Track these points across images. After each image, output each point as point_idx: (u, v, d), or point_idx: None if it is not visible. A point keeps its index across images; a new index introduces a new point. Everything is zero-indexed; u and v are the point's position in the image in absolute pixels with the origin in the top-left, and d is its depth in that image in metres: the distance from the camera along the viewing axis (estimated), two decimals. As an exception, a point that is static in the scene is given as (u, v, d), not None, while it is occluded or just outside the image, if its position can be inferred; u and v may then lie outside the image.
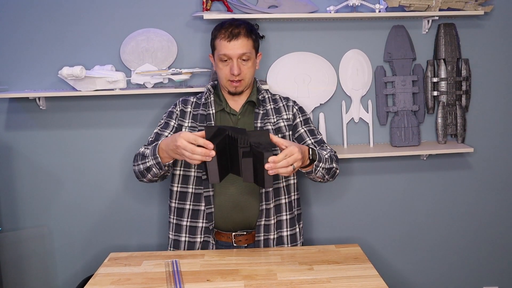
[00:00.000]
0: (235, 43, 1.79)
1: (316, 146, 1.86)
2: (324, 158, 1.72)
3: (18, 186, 2.29)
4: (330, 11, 2.19)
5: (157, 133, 1.87)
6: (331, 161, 1.76)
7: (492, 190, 2.45)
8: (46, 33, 2.20)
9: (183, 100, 1.94)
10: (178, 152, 1.55)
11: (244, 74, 1.82)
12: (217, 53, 1.83)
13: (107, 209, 2.33)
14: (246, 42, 1.81)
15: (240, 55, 1.80)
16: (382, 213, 2.43)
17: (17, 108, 2.24)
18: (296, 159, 1.51)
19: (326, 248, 1.81)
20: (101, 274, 1.64)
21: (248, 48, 1.82)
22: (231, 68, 1.80)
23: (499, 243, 2.49)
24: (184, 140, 1.51)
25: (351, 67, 2.30)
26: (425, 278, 2.49)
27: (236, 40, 1.79)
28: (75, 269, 2.35)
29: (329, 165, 1.74)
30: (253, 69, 1.87)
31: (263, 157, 1.45)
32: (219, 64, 1.84)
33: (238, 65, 1.80)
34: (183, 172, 1.87)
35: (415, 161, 2.40)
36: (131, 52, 2.20)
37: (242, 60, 1.82)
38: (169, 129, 1.87)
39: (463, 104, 2.35)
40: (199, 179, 1.84)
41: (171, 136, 1.61)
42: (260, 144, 1.50)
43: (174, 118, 1.89)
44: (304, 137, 1.89)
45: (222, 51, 1.81)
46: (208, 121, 1.85)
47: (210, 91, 1.92)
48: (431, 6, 2.19)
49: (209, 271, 1.64)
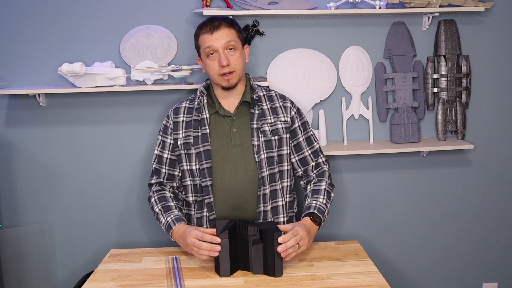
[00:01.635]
0: (218, 34, 1.77)
1: (313, 158, 1.92)
2: (324, 206, 1.81)
3: (18, 182, 2.29)
4: (330, 8, 2.18)
5: (158, 155, 1.91)
6: (329, 194, 1.86)
7: (492, 187, 2.45)
8: (46, 30, 2.20)
9: (175, 110, 1.91)
10: (188, 249, 1.66)
11: (234, 64, 1.79)
12: (202, 49, 1.81)
13: (107, 206, 2.33)
14: (228, 31, 1.79)
15: (225, 44, 1.77)
16: (382, 210, 2.43)
17: (17, 105, 2.24)
18: (302, 237, 1.61)
19: (326, 245, 1.81)
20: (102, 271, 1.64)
21: (231, 36, 1.79)
22: (219, 61, 1.77)
23: (499, 240, 2.49)
24: (192, 238, 1.62)
25: (351, 64, 2.30)
26: (424, 274, 2.50)
27: (218, 31, 1.77)
28: (75, 266, 2.36)
29: (330, 201, 1.87)
30: (242, 60, 1.82)
31: (273, 237, 1.54)
32: (207, 61, 1.80)
33: (225, 56, 1.77)
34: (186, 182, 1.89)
35: (415, 158, 2.40)
36: (131, 48, 2.19)
37: (228, 50, 1.78)
38: (166, 149, 1.89)
39: (463, 100, 2.34)
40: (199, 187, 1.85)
41: (183, 230, 1.69)
42: (268, 229, 1.58)
43: (169, 134, 1.89)
44: (302, 147, 1.92)
45: (206, 44, 1.78)
46: (202, 126, 1.83)
47: (203, 93, 1.88)
48: (431, 3, 2.18)
49: (209, 267, 1.64)
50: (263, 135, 1.84)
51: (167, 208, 1.80)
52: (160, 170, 1.90)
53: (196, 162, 1.83)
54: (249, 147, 1.83)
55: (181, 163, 1.87)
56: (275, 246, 1.54)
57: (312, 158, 1.92)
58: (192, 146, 1.83)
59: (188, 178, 1.87)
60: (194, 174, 1.84)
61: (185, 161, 1.86)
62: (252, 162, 1.82)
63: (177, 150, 1.87)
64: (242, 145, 1.82)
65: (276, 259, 1.55)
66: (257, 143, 1.82)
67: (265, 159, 1.83)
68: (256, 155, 1.81)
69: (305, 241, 1.62)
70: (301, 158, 1.91)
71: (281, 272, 1.57)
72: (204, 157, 1.81)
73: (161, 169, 1.90)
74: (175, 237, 1.74)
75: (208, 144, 1.81)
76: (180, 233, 1.70)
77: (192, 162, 1.84)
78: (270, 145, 1.84)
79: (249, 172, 1.82)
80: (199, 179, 1.83)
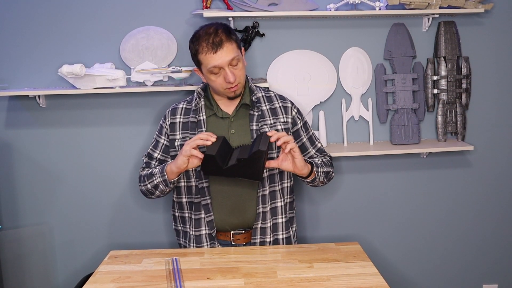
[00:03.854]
0: (221, 52, 1.71)
1: (318, 155, 1.95)
2: (318, 163, 1.86)
3: (18, 184, 2.29)
4: (330, 9, 2.19)
5: (149, 152, 1.92)
6: (325, 165, 1.89)
7: (492, 188, 2.45)
8: (46, 31, 2.20)
9: (172, 110, 1.90)
10: (183, 155, 1.66)
11: (239, 77, 1.77)
12: (205, 67, 1.75)
13: (107, 207, 2.33)
14: (231, 46, 1.73)
15: (230, 61, 1.73)
16: (382, 211, 2.43)
17: (17, 106, 2.24)
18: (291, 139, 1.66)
19: (326, 246, 1.81)
20: (101, 272, 1.64)
21: (234, 52, 1.74)
22: (225, 77, 1.74)
23: (499, 241, 2.49)
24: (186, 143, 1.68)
25: (351, 65, 2.30)
26: (425, 275, 2.49)
27: (221, 49, 1.71)
28: (75, 267, 2.35)
29: (327, 168, 1.88)
30: (244, 69, 1.81)
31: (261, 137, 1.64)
32: (211, 77, 1.77)
33: (231, 72, 1.74)
34: (186, 183, 1.88)
35: (415, 159, 2.41)
36: (131, 50, 2.20)
37: (232, 66, 1.75)
38: (158, 149, 1.90)
39: (463, 102, 2.35)
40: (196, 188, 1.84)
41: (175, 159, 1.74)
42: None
43: (163, 135, 1.89)
44: (307, 147, 1.93)
45: (211, 64, 1.73)
46: (199, 128, 1.82)
47: (200, 95, 1.87)
48: (431, 4, 2.18)
49: (209, 269, 1.64)
50: None
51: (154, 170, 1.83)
52: (150, 164, 1.91)
53: None
54: None
55: None
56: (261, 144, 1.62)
57: (318, 155, 1.94)
58: None
59: (182, 179, 1.87)
60: (190, 175, 1.84)
61: None
62: None
63: (173, 151, 1.87)
64: (240, 147, 1.82)
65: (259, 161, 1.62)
66: None
67: None
68: None
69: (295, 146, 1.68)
70: (308, 158, 1.91)
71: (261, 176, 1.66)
72: None
73: (150, 164, 1.91)
74: (171, 168, 1.73)
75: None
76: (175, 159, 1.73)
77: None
78: (270, 147, 1.84)
79: None
80: (196, 181, 1.83)
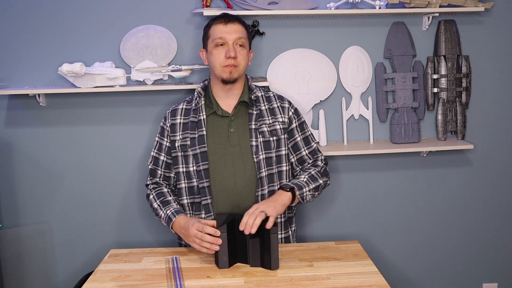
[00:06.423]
0: (231, 26, 1.79)
1: (310, 157, 1.92)
2: (303, 183, 1.79)
3: (18, 183, 2.29)
4: (330, 8, 2.18)
5: (154, 157, 1.92)
6: (313, 181, 1.82)
7: (492, 187, 2.45)
8: (46, 30, 2.20)
9: (172, 112, 1.91)
10: (190, 240, 1.67)
11: (239, 60, 1.79)
12: (212, 38, 1.81)
13: (107, 206, 2.33)
14: (241, 28, 1.82)
15: (236, 39, 1.79)
16: (382, 210, 2.43)
17: (17, 105, 2.24)
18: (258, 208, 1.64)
19: (326, 245, 1.81)
20: (101, 271, 1.64)
21: (243, 33, 1.82)
22: (226, 52, 1.78)
23: (499, 240, 2.49)
24: (195, 230, 1.63)
25: (351, 64, 2.30)
26: (425, 274, 2.50)
27: (232, 23, 1.80)
28: (75, 266, 2.36)
29: (314, 184, 1.82)
30: (247, 59, 1.84)
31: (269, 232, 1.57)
32: (214, 51, 1.80)
33: (234, 49, 1.78)
34: (187, 184, 1.88)
35: (415, 158, 2.40)
36: (131, 49, 2.19)
37: (238, 45, 1.80)
38: (163, 151, 1.90)
39: (463, 101, 2.34)
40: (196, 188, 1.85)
41: (185, 222, 1.71)
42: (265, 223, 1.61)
43: (165, 136, 1.90)
44: (299, 147, 1.91)
45: (218, 35, 1.79)
46: (199, 127, 1.83)
47: (201, 94, 1.88)
48: (431, 3, 2.18)
49: (209, 267, 1.64)
50: (261, 135, 1.84)
51: (166, 203, 1.82)
52: (156, 171, 1.91)
53: (193, 163, 1.83)
54: (247, 147, 1.83)
55: (176, 165, 1.87)
56: (272, 240, 1.57)
57: (310, 157, 1.92)
58: (189, 148, 1.83)
59: (182, 180, 1.87)
60: (191, 175, 1.84)
61: (182, 163, 1.86)
62: (251, 162, 1.82)
63: (174, 152, 1.87)
64: (240, 146, 1.82)
65: (272, 252, 1.58)
66: (256, 144, 1.82)
67: (264, 160, 1.83)
68: (254, 156, 1.82)
69: (265, 205, 1.65)
70: (298, 158, 1.91)
71: (277, 265, 1.60)
72: (201, 158, 1.81)
73: (157, 170, 1.91)
74: (176, 228, 1.75)
75: (205, 146, 1.81)
76: (182, 224, 1.71)
77: (189, 164, 1.84)
78: (268, 146, 1.84)
79: (248, 172, 1.82)
80: (197, 181, 1.84)
